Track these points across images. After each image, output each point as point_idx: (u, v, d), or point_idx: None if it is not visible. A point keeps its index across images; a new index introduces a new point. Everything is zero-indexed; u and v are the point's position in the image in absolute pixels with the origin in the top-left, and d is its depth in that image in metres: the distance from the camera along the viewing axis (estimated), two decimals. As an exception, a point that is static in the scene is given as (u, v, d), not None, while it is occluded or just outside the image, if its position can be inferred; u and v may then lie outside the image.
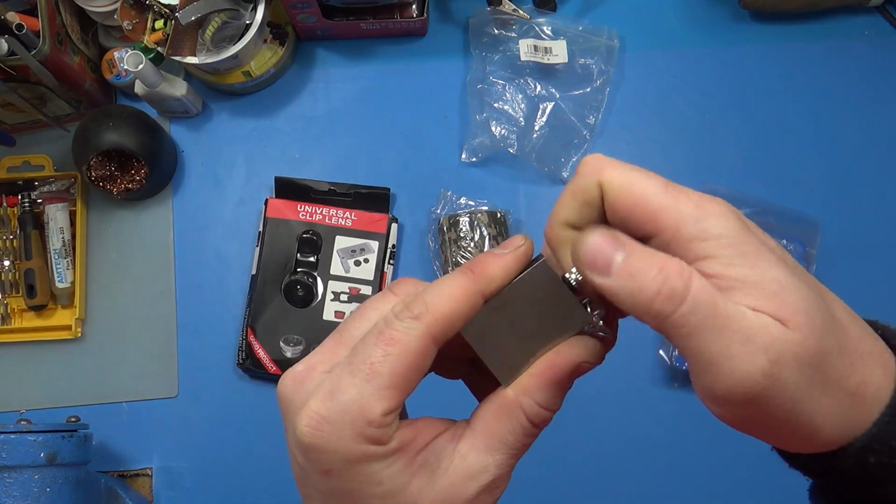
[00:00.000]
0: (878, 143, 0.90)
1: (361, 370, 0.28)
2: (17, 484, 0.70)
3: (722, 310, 0.26)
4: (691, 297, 0.26)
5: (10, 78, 0.79)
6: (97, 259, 0.90)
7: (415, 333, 0.29)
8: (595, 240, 0.29)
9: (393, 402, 0.28)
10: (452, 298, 0.29)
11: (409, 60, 0.94)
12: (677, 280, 0.27)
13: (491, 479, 0.30)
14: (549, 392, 0.31)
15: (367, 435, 0.28)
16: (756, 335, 0.26)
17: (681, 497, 0.83)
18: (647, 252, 0.28)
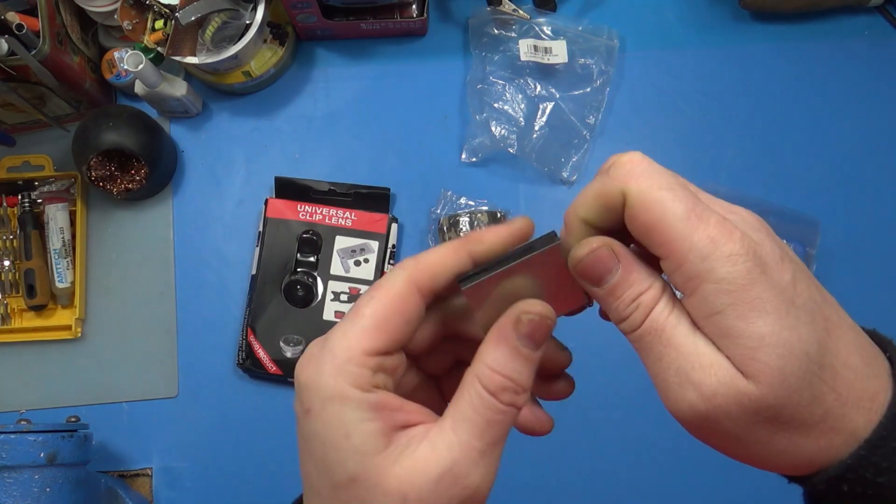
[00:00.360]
0: (878, 142, 0.90)
1: (349, 316, 0.30)
2: (17, 484, 0.70)
3: (669, 341, 0.29)
4: (643, 329, 0.29)
5: (10, 78, 0.79)
6: (97, 259, 0.90)
7: (398, 278, 0.31)
8: (597, 254, 0.30)
9: (373, 343, 0.29)
10: (439, 252, 0.32)
11: (409, 60, 0.94)
12: (639, 312, 0.29)
13: (452, 462, 0.28)
14: (500, 353, 0.30)
15: (347, 371, 0.29)
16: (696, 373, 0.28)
17: (681, 497, 0.83)
18: (636, 276, 0.30)
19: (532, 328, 0.30)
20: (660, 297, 0.30)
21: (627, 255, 0.30)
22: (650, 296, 0.29)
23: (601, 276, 0.30)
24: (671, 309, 0.29)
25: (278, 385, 0.87)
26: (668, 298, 0.30)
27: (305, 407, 0.30)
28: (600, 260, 0.30)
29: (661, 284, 0.30)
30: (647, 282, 0.30)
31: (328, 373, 0.29)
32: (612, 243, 0.30)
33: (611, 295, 0.30)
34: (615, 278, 0.30)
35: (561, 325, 0.32)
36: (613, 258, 0.30)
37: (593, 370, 0.85)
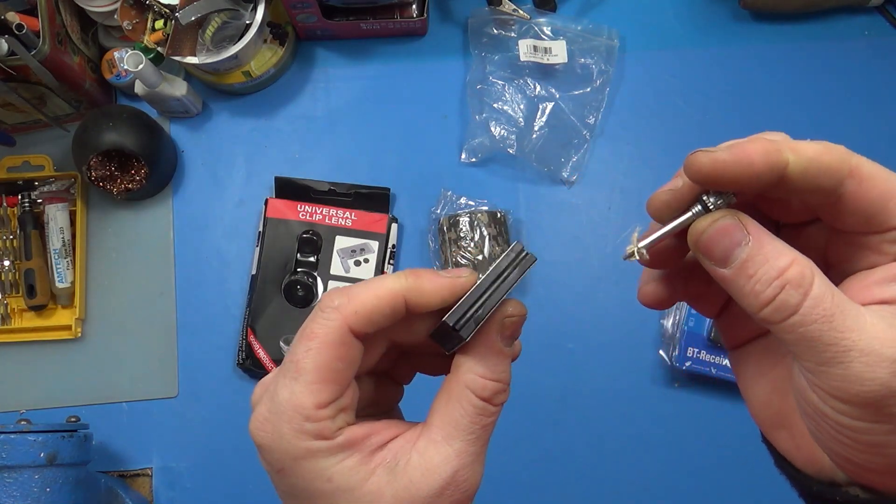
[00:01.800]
0: (878, 142, 0.90)
1: (290, 369, 0.29)
2: (17, 484, 0.70)
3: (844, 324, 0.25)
4: (802, 315, 0.25)
5: (10, 78, 0.79)
6: (97, 259, 0.90)
7: (332, 325, 0.29)
8: (721, 225, 0.27)
9: (323, 396, 0.29)
10: (375, 295, 0.30)
11: (409, 60, 0.94)
12: (793, 292, 0.25)
13: (454, 471, 0.29)
14: (489, 362, 0.30)
15: (307, 430, 0.28)
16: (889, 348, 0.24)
17: (681, 497, 0.83)
18: (771, 249, 0.26)
19: (514, 328, 0.31)
20: (812, 273, 0.25)
21: (758, 225, 0.27)
22: (798, 272, 0.25)
23: (728, 252, 0.26)
24: (832, 288, 0.25)
25: (278, 385, 0.86)
26: (821, 275, 0.26)
27: (276, 467, 0.30)
28: (725, 232, 0.26)
29: (805, 259, 0.26)
30: (789, 255, 0.26)
31: (289, 435, 0.29)
32: (738, 213, 0.27)
33: (742, 274, 0.26)
34: (745, 252, 0.26)
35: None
36: (741, 228, 0.26)
37: (594, 371, 0.85)
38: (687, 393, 0.84)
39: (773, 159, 0.26)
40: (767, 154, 0.26)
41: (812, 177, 0.27)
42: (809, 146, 0.27)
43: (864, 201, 0.27)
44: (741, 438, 0.81)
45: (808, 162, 0.26)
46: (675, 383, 0.85)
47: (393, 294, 0.30)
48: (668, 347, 0.84)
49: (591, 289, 0.87)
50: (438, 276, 0.31)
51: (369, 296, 0.29)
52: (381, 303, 0.29)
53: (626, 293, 0.87)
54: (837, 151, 0.27)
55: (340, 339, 0.29)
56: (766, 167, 0.26)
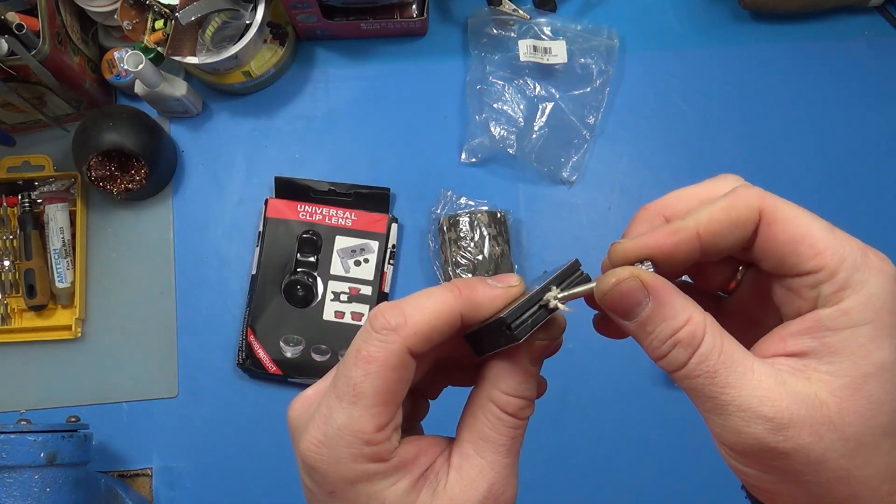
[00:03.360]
0: (877, 142, 0.90)
1: (346, 393, 0.28)
2: (17, 484, 0.70)
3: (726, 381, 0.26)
4: (688, 370, 0.27)
5: (10, 78, 0.79)
6: (97, 259, 0.90)
7: (392, 348, 0.28)
8: (622, 287, 0.28)
9: (383, 418, 0.29)
10: (433, 314, 0.29)
11: (409, 60, 0.94)
12: (682, 350, 0.27)
13: (489, 484, 0.30)
14: (514, 379, 0.31)
15: (365, 454, 0.29)
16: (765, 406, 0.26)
17: (681, 497, 0.83)
18: (669, 309, 0.28)
19: (541, 351, 0.31)
20: (702, 333, 0.27)
21: (661, 285, 0.28)
22: (689, 332, 0.27)
23: (629, 310, 0.28)
24: (721, 345, 0.27)
25: (278, 385, 0.87)
26: (715, 331, 0.27)
27: (328, 490, 0.29)
28: (627, 293, 0.28)
29: (702, 316, 0.28)
30: (685, 314, 0.28)
31: (346, 459, 0.29)
32: (640, 273, 0.28)
33: (642, 330, 0.28)
34: (645, 311, 0.28)
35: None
36: (642, 290, 0.28)
37: (595, 371, 0.85)
38: (687, 393, 0.84)
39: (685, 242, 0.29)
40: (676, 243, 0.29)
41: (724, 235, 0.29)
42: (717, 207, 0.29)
43: (773, 244, 0.28)
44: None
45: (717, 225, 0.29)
46: (675, 384, 0.84)
47: (451, 311, 0.30)
48: (668, 347, 0.83)
49: (591, 289, 0.87)
50: (491, 288, 0.31)
51: (427, 315, 0.29)
52: (440, 322, 0.29)
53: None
54: (744, 200, 0.29)
55: (400, 362, 0.29)
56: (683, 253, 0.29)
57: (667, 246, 0.29)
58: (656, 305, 0.28)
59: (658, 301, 0.28)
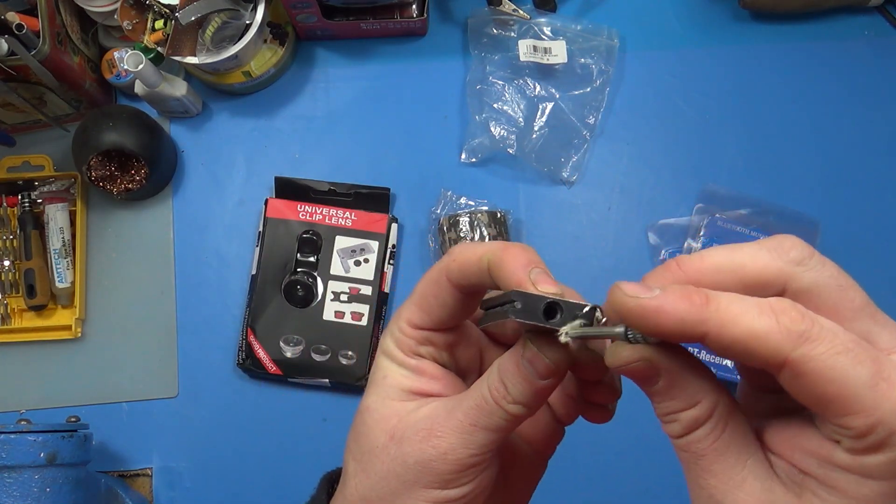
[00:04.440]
0: (877, 142, 0.90)
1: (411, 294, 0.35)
2: (17, 484, 0.70)
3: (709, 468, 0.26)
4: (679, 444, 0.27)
5: (10, 78, 0.79)
6: (97, 259, 0.90)
7: (435, 267, 0.33)
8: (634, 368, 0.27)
9: (414, 317, 0.34)
10: (473, 253, 0.32)
11: (409, 60, 0.94)
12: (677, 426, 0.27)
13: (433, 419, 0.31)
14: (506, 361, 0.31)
15: (396, 336, 0.34)
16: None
17: (680, 497, 0.83)
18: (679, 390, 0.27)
19: (532, 355, 0.30)
20: (705, 419, 0.26)
21: (674, 365, 0.27)
22: (691, 416, 0.27)
23: (641, 383, 0.28)
24: (720, 434, 0.26)
25: (278, 385, 0.87)
26: (719, 419, 0.26)
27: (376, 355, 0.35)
28: (637, 372, 0.27)
29: (710, 404, 0.27)
30: (691, 399, 0.27)
31: (386, 333, 0.35)
32: (652, 355, 0.27)
33: (651, 397, 0.28)
34: (655, 387, 0.27)
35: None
36: (654, 370, 0.27)
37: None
38: (687, 393, 0.84)
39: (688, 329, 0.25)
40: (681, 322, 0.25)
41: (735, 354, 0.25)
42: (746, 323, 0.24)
43: (797, 392, 0.25)
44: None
45: (731, 342, 0.25)
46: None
47: (484, 252, 0.32)
48: (668, 347, 0.83)
49: (592, 289, 0.86)
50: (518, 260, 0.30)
51: (467, 254, 0.32)
52: (473, 261, 0.32)
53: (626, 293, 0.87)
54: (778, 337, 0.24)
55: (436, 279, 0.33)
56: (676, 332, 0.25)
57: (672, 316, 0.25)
58: (667, 385, 0.27)
59: (669, 382, 0.27)
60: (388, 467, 0.31)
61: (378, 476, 0.32)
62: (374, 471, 0.32)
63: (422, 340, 0.34)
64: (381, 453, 0.32)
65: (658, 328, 0.25)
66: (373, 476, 0.32)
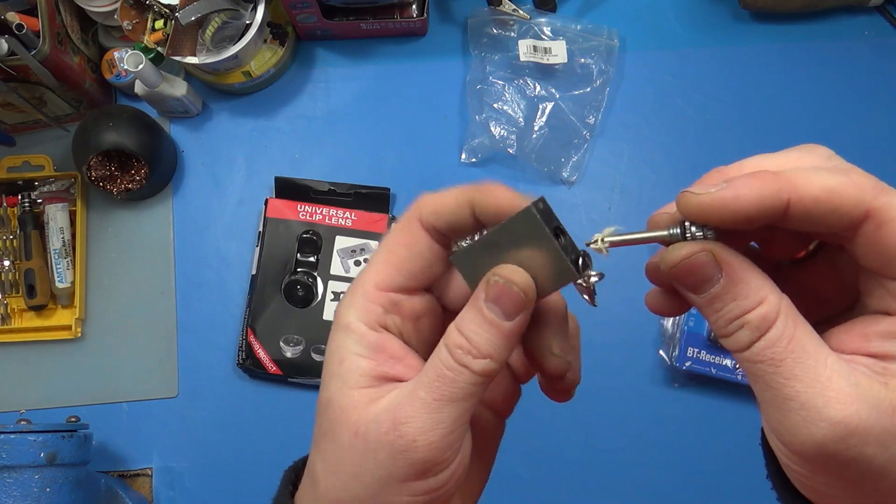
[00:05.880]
0: (877, 143, 0.90)
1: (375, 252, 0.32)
2: (17, 484, 0.70)
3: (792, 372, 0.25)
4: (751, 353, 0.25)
5: (10, 78, 0.79)
6: (97, 259, 0.90)
7: (403, 216, 0.31)
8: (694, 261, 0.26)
9: (384, 277, 0.30)
10: (444, 193, 0.30)
11: (409, 60, 0.94)
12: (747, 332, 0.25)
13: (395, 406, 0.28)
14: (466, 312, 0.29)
15: (357, 305, 0.30)
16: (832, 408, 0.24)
17: (680, 497, 0.83)
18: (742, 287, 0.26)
19: (497, 292, 0.28)
20: (776, 316, 0.25)
21: (736, 261, 0.26)
22: (760, 315, 0.25)
23: (698, 285, 0.26)
24: (793, 332, 0.25)
25: (278, 385, 0.87)
26: (789, 318, 0.25)
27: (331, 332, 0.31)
28: (698, 267, 0.26)
29: (778, 299, 0.25)
30: (758, 295, 0.25)
31: (345, 304, 0.31)
32: (714, 248, 0.26)
33: (709, 306, 0.26)
34: (716, 288, 0.26)
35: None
36: (714, 265, 0.26)
37: (595, 371, 0.85)
38: (687, 393, 0.84)
39: (769, 202, 0.25)
40: (761, 197, 0.25)
41: (818, 217, 0.25)
42: (819, 181, 0.25)
43: (880, 247, 0.25)
44: (741, 439, 0.81)
45: (812, 203, 0.25)
46: (675, 384, 0.84)
47: (461, 192, 0.30)
48: (668, 347, 0.84)
49: (591, 289, 0.87)
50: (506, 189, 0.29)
51: (438, 195, 0.30)
52: (447, 197, 0.30)
53: (626, 293, 0.87)
54: (855, 189, 0.25)
55: (407, 227, 0.30)
56: (758, 210, 0.25)
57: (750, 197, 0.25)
58: (728, 283, 0.26)
59: (731, 278, 0.26)
60: (358, 465, 0.29)
61: (349, 476, 0.29)
62: (343, 471, 0.29)
63: (389, 307, 0.30)
64: (347, 451, 0.29)
65: (739, 213, 0.25)
66: (343, 476, 0.29)
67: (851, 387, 0.24)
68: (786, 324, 0.25)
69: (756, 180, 0.25)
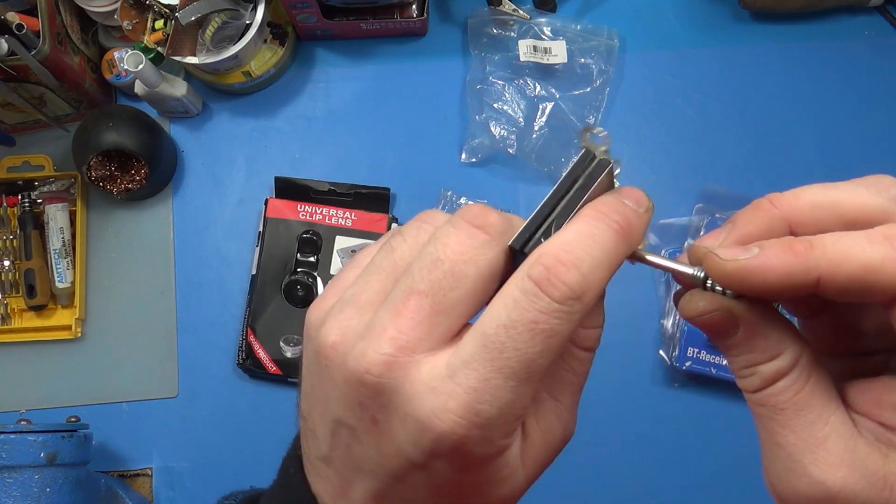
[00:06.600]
0: (877, 143, 0.90)
1: (519, 371, 0.24)
2: (17, 484, 0.70)
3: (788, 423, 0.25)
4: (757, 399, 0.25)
5: (10, 78, 0.79)
6: (97, 259, 0.90)
7: (577, 319, 0.25)
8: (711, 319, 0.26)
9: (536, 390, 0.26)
10: (610, 269, 0.26)
11: (409, 60, 0.94)
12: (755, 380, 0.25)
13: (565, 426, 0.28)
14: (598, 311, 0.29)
15: (515, 427, 0.26)
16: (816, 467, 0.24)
17: (680, 497, 0.83)
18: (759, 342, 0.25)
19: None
20: (788, 370, 0.25)
21: (755, 317, 0.25)
22: (773, 368, 0.25)
23: (716, 337, 0.26)
24: (802, 386, 0.25)
25: (278, 385, 0.87)
26: (801, 371, 0.25)
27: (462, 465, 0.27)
28: (716, 324, 0.26)
29: (794, 355, 0.25)
30: (775, 350, 0.25)
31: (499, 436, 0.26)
32: (732, 307, 0.25)
33: (727, 351, 0.26)
34: (733, 340, 0.26)
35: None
36: (732, 322, 0.26)
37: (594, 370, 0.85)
38: (687, 393, 0.84)
39: (797, 280, 0.23)
40: (789, 274, 0.23)
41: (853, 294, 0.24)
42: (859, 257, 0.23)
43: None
44: (741, 439, 0.81)
45: (847, 282, 0.23)
46: (675, 384, 0.84)
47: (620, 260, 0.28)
48: (668, 347, 0.84)
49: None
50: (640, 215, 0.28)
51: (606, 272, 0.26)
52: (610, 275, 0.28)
53: (626, 293, 0.87)
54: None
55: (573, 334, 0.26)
56: (784, 286, 0.24)
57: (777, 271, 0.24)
58: (746, 337, 0.25)
59: (748, 334, 0.25)
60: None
61: None
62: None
63: None
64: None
65: (764, 286, 0.24)
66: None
67: (847, 451, 0.24)
68: (797, 377, 0.25)
69: (786, 253, 0.24)
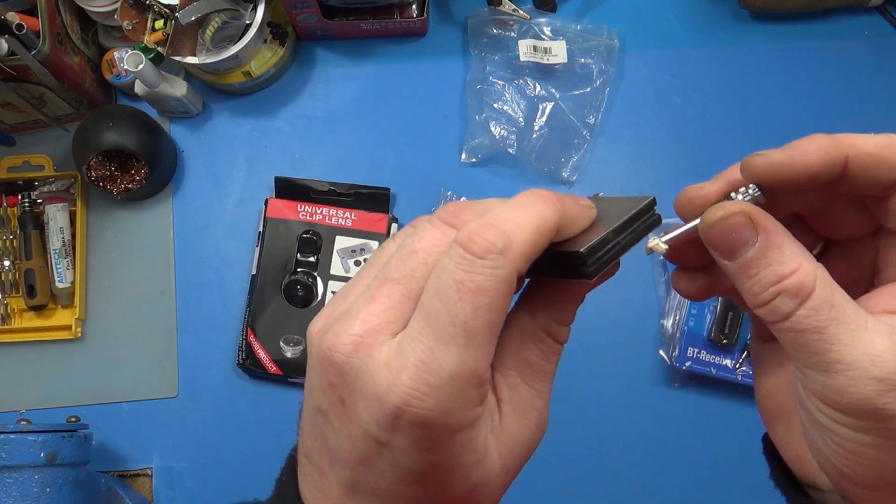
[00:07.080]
0: (878, 143, 0.90)
1: (455, 334, 0.24)
2: (17, 484, 0.70)
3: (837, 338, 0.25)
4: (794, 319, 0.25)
5: (10, 78, 0.80)
6: (97, 259, 0.90)
7: (502, 275, 0.25)
8: (730, 222, 0.26)
9: (492, 354, 0.26)
10: (534, 230, 0.26)
11: (409, 60, 0.94)
12: (787, 300, 0.25)
13: (539, 413, 0.28)
14: (570, 309, 0.30)
15: (474, 399, 0.25)
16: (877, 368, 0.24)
17: (680, 497, 0.83)
18: (778, 253, 0.26)
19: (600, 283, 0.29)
20: (813, 282, 0.25)
21: (773, 226, 0.26)
22: (797, 280, 0.25)
23: (733, 249, 0.26)
24: (833, 298, 0.25)
25: (278, 385, 0.87)
26: (826, 283, 0.25)
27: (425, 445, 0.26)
28: (734, 228, 0.26)
29: (814, 266, 0.25)
30: (794, 262, 0.25)
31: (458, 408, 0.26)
32: (751, 210, 0.26)
33: (744, 272, 0.26)
34: (751, 252, 0.26)
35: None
36: (751, 227, 0.26)
37: (594, 371, 0.85)
38: (687, 393, 0.84)
39: (832, 157, 0.26)
40: (825, 152, 0.26)
41: (872, 172, 0.26)
42: (869, 140, 0.27)
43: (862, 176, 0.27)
44: (741, 438, 0.81)
45: (868, 158, 0.26)
46: (675, 384, 0.84)
47: (552, 227, 0.26)
48: (668, 347, 0.84)
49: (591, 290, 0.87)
50: (578, 204, 0.28)
51: (529, 232, 0.25)
52: (542, 239, 0.26)
53: (626, 293, 0.87)
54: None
55: (510, 290, 0.25)
56: (823, 165, 0.26)
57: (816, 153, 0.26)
58: (764, 247, 0.26)
59: (767, 242, 0.26)
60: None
61: None
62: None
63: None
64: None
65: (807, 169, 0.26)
66: None
67: (893, 345, 0.25)
68: (825, 290, 0.25)
69: (817, 139, 0.27)
